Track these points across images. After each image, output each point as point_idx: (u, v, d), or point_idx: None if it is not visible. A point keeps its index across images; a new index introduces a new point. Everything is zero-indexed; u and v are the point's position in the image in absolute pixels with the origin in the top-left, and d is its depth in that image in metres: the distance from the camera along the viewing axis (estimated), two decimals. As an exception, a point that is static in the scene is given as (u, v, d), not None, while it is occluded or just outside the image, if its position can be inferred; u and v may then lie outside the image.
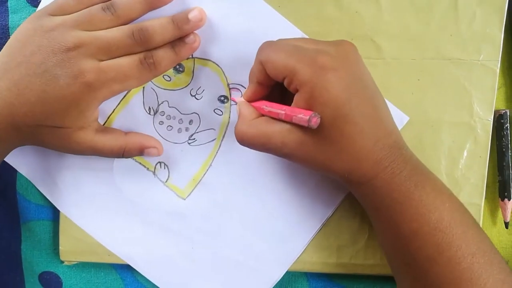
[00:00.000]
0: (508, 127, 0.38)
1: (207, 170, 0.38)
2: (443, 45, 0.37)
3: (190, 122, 0.38)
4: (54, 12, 0.34)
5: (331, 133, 0.30)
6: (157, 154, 0.37)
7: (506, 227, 0.39)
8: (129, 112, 0.38)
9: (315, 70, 0.29)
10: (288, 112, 0.30)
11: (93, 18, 0.33)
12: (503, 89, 0.39)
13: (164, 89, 0.37)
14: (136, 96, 0.38)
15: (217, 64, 0.37)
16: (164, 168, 0.39)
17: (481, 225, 0.38)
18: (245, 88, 0.36)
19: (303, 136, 0.30)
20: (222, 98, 0.37)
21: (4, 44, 0.32)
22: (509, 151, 0.38)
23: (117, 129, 0.38)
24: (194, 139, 0.38)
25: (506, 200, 0.38)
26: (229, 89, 0.37)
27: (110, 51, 0.33)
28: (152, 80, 0.37)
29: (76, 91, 0.32)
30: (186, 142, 0.38)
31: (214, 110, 0.38)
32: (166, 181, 0.39)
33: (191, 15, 0.34)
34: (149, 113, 0.38)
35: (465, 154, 0.38)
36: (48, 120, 0.33)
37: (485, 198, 0.39)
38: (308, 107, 0.29)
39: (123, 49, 0.33)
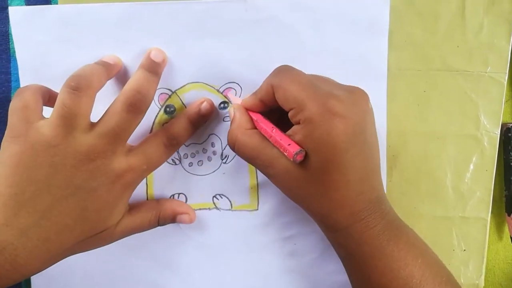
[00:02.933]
0: (516, 141, 0.37)
1: (256, 172, 0.38)
2: (450, 56, 0.36)
3: (212, 145, 0.37)
4: (25, 118, 0.30)
5: (318, 175, 0.29)
6: (189, 221, 0.37)
7: (513, 242, 0.38)
8: (160, 176, 0.38)
9: (324, 111, 0.29)
10: (277, 137, 0.30)
11: (72, 110, 0.30)
12: (511, 102, 0.38)
13: None
14: None
15: (196, 82, 0.36)
16: (222, 197, 0.38)
17: (486, 240, 0.38)
18: (236, 83, 0.36)
19: (289, 167, 0.30)
20: (222, 105, 0.37)
21: (4, 51, 0.31)
22: (517, 165, 0.38)
23: (148, 201, 0.37)
24: (226, 156, 0.38)
25: (513, 215, 0.38)
26: (222, 93, 0.37)
27: (122, 138, 0.31)
28: None
29: (118, 194, 0.32)
30: (222, 163, 0.38)
31: (223, 119, 0.37)
32: (232, 207, 0.38)
33: (153, 56, 0.34)
34: (176, 164, 0.38)
35: (471, 167, 0.37)
36: (90, 232, 0.31)
37: (492, 212, 0.38)
38: (303, 142, 0.29)
39: (130, 128, 0.32)
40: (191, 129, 0.35)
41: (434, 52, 0.36)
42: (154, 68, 0.34)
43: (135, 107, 0.31)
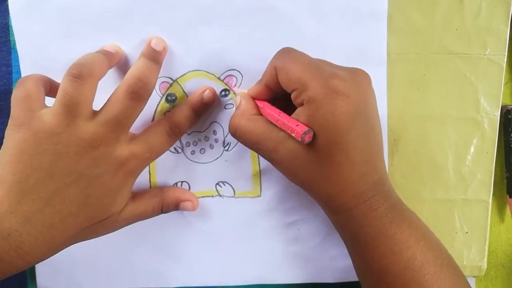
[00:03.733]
0: (516, 123, 0.37)
1: (258, 158, 0.38)
2: (449, 40, 0.37)
3: (214, 132, 0.37)
4: (28, 107, 0.30)
5: (323, 156, 0.29)
6: (192, 208, 0.37)
7: (515, 224, 0.39)
8: (162, 165, 0.38)
9: (327, 91, 0.29)
10: (284, 120, 0.30)
11: (75, 99, 0.30)
12: (510, 84, 0.38)
13: None
14: None
15: (197, 70, 0.36)
16: (225, 184, 0.38)
17: (488, 222, 0.38)
18: (237, 71, 0.36)
19: (296, 149, 0.30)
20: (223, 93, 0.37)
21: (4, 43, 0.31)
22: (517, 147, 0.38)
23: (151, 188, 0.38)
24: (228, 144, 0.38)
25: (514, 196, 0.38)
26: (223, 81, 0.37)
27: (124, 126, 0.32)
28: None
29: (121, 181, 0.32)
30: (224, 151, 0.38)
31: (225, 107, 0.37)
32: (235, 194, 0.39)
33: (153, 44, 0.34)
34: (178, 152, 0.38)
35: (472, 150, 0.38)
36: (94, 219, 0.32)
37: (493, 195, 0.38)
38: (307, 123, 0.29)
39: (132, 116, 0.32)
40: (193, 117, 0.35)
41: (433, 36, 0.37)
42: (155, 56, 0.34)
43: (137, 94, 0.31)
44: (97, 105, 0.32)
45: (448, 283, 0.30)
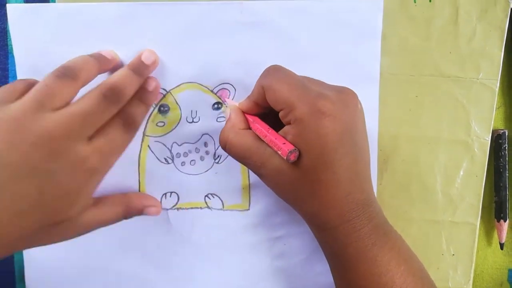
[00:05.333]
0: (506, 148, 0.38)
1: (248, 172, 0.38)
2: (442, 62, 0.37)
3: (206, 144, 0.38)
4: (3, 99, 0.29)
5: (308, 174, 0.30)
6: (156, 213, 0.37)
7: (501, 248, 0.39)
8: (152, 175, 0.38)
9: (313, 111, 0.29)
10: (272, 137, 0.30)
11: (52, 90, 0.29)
12: (502, 108, 0.38)
13: (165, 134, 0.37)
14: (148, 159, 0.38)
15: (191, 82, 0.37)
16: (214, 197, 0.39)
17: (475, 245, 0.38)
18: (230, 84, 0.37)
19: (282, 166, 0.30)
20: (216, 105, 0.37)
21: (2, 47, 0.32)
22: (507, 172, 0.38)
23: (114, 195, 0.36)
24: (219, 156, 0.38)
25: (502, 221, 0.38)
26: (216, 94, 0.37)
27: (92, 123, 0.30)
28: (151, 134, 0.37)
29: (80, 181, 0.29)
30: (214, 163, 0.38)
31: (217, 120, 0.37)
32: (223, 207, 0.39)
33: (143, 58, 0.34)
34: (168, 163, 0.38)
35: (461, 172, 0.38)
36: (48, 220, 0.29)
37: (481, 218, 0.38)
38: (294, 142, 0.30)
39: (102, 116, 0.30)
40: (143, 108, 0.34)
41: (427, 58, 0.37)
42: (140, 69, 0.34)
43: (110, 97, 0.31)
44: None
45: None
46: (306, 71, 0.36)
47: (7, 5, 0.36)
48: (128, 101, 0.33)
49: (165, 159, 0.38)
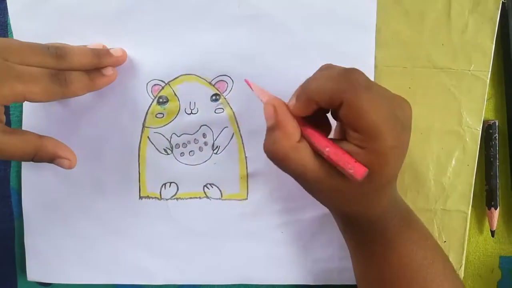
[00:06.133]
0: (497, 137, 0.38)
1: (246, 162, 0.39)
2: (435, 54, 0.38)
3: (204, 135, 0.38)
4: None
5: (370, 191, 0.29)
6: (68, 166, 0.34)
7: (492, 235, 0.40)
8: (151, 165, 0.39)
9: (397, 146, 0.27)
10: (333, 156, 0.27)
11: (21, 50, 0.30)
12: (493, 99, 0.39)
13: (164, 125, 0.38)
14: (148, 150, 0.39)
15: (189, 74, 0.38)
16: (212, 187, 0.39)
17: (467, 232, 0.39)
18: (228, 76, 0.37)
19: (340, 185, 0.28)
20: (214, 97, 0.38)
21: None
22: (497, 161, 0.39)
23: (29, 131, 0.33)
24: (217, 147, 0.39)
25: (492, 209, 0.39)
26: (214, 86, 0.38)
27: (21, 54, 0.30)
28: (150, 125, 0.38)
29: None
30: (213, 154, 0.39)
31: (215, 111, 0.38)
32: (222, 196, 0.40)
33: (112, 50, 0.35)
34: (168, 154, 0.39)
35: (453, 162, 0.39)
36: None
37: (472, 206, 0.39)
38: (362, 161, 0.27)
39: (36, 57, 0.31)
40: (86, 81, 0.34)
41: (419, 50, 0.38)
42: (99, 53, 0.34)
43: (51, 50, 0.31)
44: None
45: (452, 277, 0.33)
46: (301, 63, 0.37)
47: (8, -2, 0.36)
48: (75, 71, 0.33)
49: (165, 149, 0.39)
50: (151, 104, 0.38)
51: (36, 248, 0.40)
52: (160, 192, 0.39)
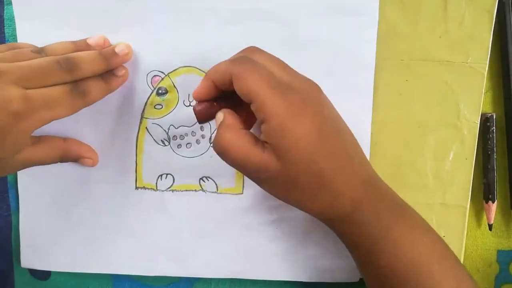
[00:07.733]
0: (494, 131, 0.38)
1: None
2: (432, 47, 0.37)
3: (202, 128, 0.38)
4: None
5: (304, 177, 0.29)
6: (91, 164, 0.38)
7: (490, 229, 0.40)
8: (148, 156, 0.39)
9: (288, 107, 0.28)
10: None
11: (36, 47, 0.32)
12: (490, 92, 0.39)
13: (163, 116, 0.38)
14: (145, 141, 0.39)
15: (188, 66, 0.38)
16: (208, 180, 0.39)
17: (465, 227, 0.39)
18: None
19: (273, 171, 0.29)
20: None
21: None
22: (495, 154, 0.38)
23: (54, 136, 0.37)
24: None
25: (490, 202, 0.39)
26: None
27: (36, 79, 0.31)
28: (149, 116, 0.38)
29: (3, 123, 0.29)
30: (210, 147, 0.39)
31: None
32: (217, 190, 0.40)
33: (117, 49, 0.35)
34: (165, 145, 0.39)
35: (451, 155, 0.38)
36: None
37: (471, 200, 0.39)
38: (274, 142, 0.28)
39: (51, 77, 0.31)
40: (102, 85, 0.35)
41: (416, 43, 0.37)
42: (107, 55, 0.35)
43: (63, 64, 0.32)
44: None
45: (454, 276, 0.31)
46: (302, 58, 0.37)
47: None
48: (89, 77, 0.34)
49: (162, 141, 0.39)
50: (150, 95, 0.38)
51: (31, 236, 0.40)
52: (156, 183, 0.39)
